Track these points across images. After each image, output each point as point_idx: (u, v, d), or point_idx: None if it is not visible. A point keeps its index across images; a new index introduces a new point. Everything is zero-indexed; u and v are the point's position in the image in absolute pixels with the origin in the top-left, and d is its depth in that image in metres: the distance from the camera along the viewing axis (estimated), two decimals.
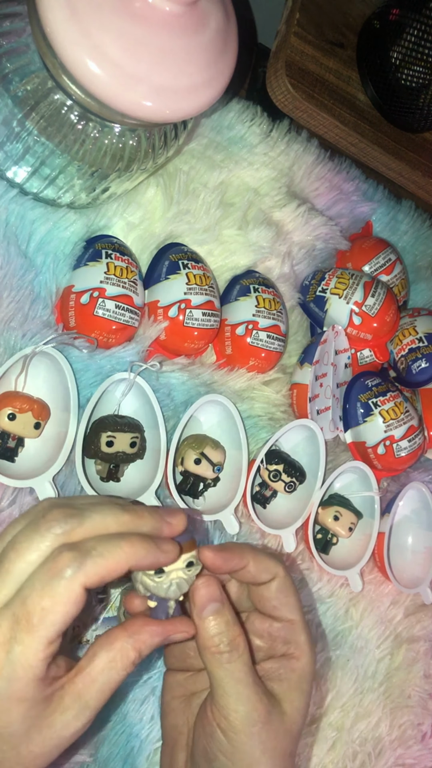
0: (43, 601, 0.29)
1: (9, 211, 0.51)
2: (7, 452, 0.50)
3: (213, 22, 0.42)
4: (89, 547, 0.30)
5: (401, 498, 0.67)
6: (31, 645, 0.29)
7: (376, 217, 0.76)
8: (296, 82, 0.65)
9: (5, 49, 0.43)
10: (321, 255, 0.69)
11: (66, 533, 0.30)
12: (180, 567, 0.33)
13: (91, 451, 0.52)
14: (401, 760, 0.64)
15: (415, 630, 0.68)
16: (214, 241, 0.61)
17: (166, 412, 0.55)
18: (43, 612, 0.29)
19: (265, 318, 0.59)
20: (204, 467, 0.56)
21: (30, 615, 0.29)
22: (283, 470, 0.60)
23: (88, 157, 0.46)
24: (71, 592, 0.29)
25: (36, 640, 0.29)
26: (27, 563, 0.30)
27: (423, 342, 0.70)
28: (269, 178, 0.65)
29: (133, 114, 0.41)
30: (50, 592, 0.29)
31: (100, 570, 0.30)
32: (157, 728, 0.52)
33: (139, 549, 0.31)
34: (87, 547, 0.30)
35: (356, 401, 0.65)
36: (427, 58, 0.67)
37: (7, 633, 0.29)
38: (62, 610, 0.29)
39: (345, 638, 0.63)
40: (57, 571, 0.29)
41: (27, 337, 0.50)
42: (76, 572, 0.29)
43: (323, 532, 0.64)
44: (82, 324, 0.52)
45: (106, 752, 0.50)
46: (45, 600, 0.29)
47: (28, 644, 0.29)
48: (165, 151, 0.49)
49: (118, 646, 0.31)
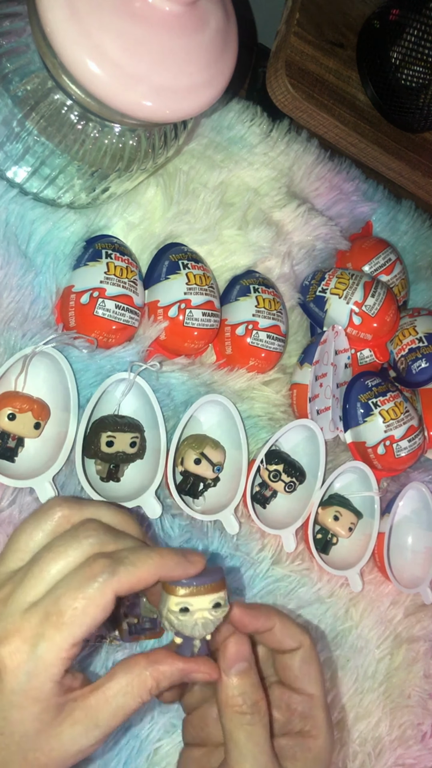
0: (77, 601, 0.30)
1: (9, 211, 0.51)
2: (7, 452, 0.50)
3: (213, 22, 0.42)
4: (122, 556, 0.31)
5: (401, 498, 0.67)
6: (57, 642, 0.29)
7: (376, 217, 0.76)
8: (296, 82, 0.65)
9: (5, 49, 0.43)
10: (321, 255, 0.69)
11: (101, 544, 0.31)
12: (206, 607, 0.33)
13: (91, 451, 0.52)
14: (401, 760, 0.64)
15: (415, 630, 0.68)
16: (214, 241, 0.61)
17: (166, 412, 0.55)
18: (75, 611, 0.29)
19: (265, 318, 0.59)
20: (204, 467, 0.56)
21: (62, 613, 0.29)
22: (283, 470, 0.60)
23: (88, 157, 0.46)
24: (103, 596, 0.30)
25: (62, 638, 0.29)
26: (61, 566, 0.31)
27: (423, 342, 0.70)
28: (269, 178, 0.65)
29: (133, 114, 0.41)
30: (83, 594, 0.30)
31: (132, 578, 0.30)
32: (157, 728, 0.52)
33: (169, 560, 0.32)
34: (120, 556, 0.31)
35: (356, 401, 0.65)
36: (427, 58, 0.67)
37: (35, 628, 0.30)
38: (93, 612, 0.30)
39: (345, 638, 0.63)
40: (91, 575, 0.30)
41: (27, 337, 0.50)
42: (109, 578, 0.30)
43: (323, 532, 0.64)
44: (82, 324, 0.52)
45: (106, 752, 0.50)
46: (78, 601, 0.30)
47: (55, 641, 0.29)
48: (165, 151, 0.49)
49: (137, 672, 0.31)
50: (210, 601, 0.33)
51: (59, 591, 0.30)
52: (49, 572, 0.31)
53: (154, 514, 0.53)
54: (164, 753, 0.52)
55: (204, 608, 0.33)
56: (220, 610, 0.33)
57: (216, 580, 0.33)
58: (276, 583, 0.60)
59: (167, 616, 0.33)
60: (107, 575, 0.30)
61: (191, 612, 0.33)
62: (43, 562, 0.31)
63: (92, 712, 0.30)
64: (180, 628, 0.33)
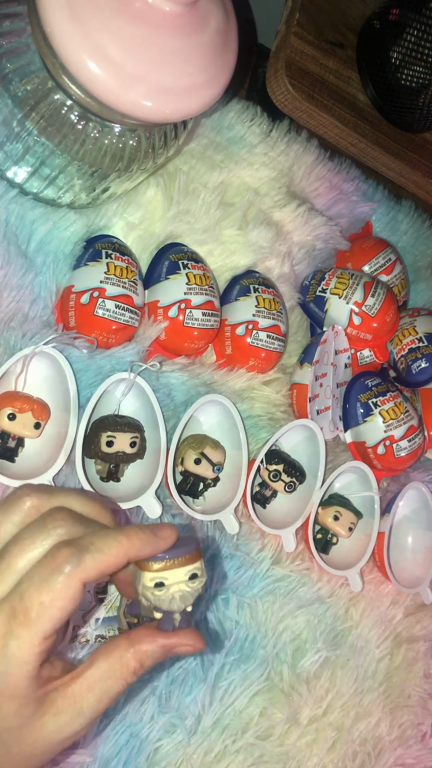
0: (42, 596, 0.29)
1: (9, 211, 0.51)
2: (7, 452, 0.50)
3: (213, 22, 0.42)
4: (87, 542, 0.30)
5: (401, 498, 0.67)
6: (27, 639, 0.29)
7: (376, 217, 0.76)
8: (296, 82, 0.65)
9: (5, 49, 0.43)
10: (321, 255, 0.69)
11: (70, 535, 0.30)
12: (182, 579, 0.32)
13: (91, 451, 0.52)
14: (401, 759, 0.64)
15: (415, 630, 0.68)
16: (214, 241, 0.61)
17: (166, 412, 0.55)
18: (41, 607, 0.29)
19: (265, 318, 0.59)
20: (204, 467, 0.56)
21: (28, 610, 0.29)
22: (283, 470, 0.60)
23: (88, 157, 0.46)
24: (69, 588, 0.29)
25: (32, 635, 0.29)
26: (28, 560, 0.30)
27: (423, 342, 0.70)
28: (269, 178, 0.65)
29: (133, 114, 0.41)
30: (48, 588, 0.29)
31: (99, 565, 0.30)
32: (157, 728, 0.52)
33: (136, 540, 0.31)
34: (85, 543, 0.30)
35: (356, 401, 0.65)
36: (427, 58, 0.67)
37: (2, 628, 0.29)
38: (60, 605, 0.29)
39: (345, 638, 0.63)
40: (56, 566, 0.29)
41: (27, 337, 0.50)
42: (75, 568, 0.29)
43: (323, 532, 0.64)
44: (82, 324, 0.52)
45: (106, 752, 0.50)
46: (43, 595, 0.29)
47: (25, 639, 0.29)
48: (165, 151, 0.49)
49: (119, 655, 0.31)
50: (186, 572, 0.32)
51: (23, 586, 0.29)
52: (16, 565, 0.30)
53: (154, 514, 0.53)
54: (164, 753, 0.52)
55: (180, 581, 0.32)
56: (197, 580, 0.32)
57: (191, 551, 0.32)
58: (276, 583, 0.60)
59: (143, 593, 0.32)
60: (72, 565, 0.29)
61: (167, 586, 0.32)
62: (10, 555, 0.30)
63: (75, 700, 0.30)
64: (157, 603, 0.32)
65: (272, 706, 0.58)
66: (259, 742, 0.57)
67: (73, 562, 0.29)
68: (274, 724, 0.58)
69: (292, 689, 0.59)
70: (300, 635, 0.61)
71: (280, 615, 0.60)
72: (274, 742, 0.58)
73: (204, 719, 0.54)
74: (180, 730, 0.53)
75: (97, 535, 0.30)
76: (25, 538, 0.30)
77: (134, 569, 0.33)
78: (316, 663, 0.61)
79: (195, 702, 0.54)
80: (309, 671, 0.60)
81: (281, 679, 0.59)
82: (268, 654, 0.58)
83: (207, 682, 0.55)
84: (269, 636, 0.59)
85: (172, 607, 0.32)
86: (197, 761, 0.54)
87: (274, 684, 0.58)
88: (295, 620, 0.60)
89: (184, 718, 0.54)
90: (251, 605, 0.58)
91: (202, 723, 0.54)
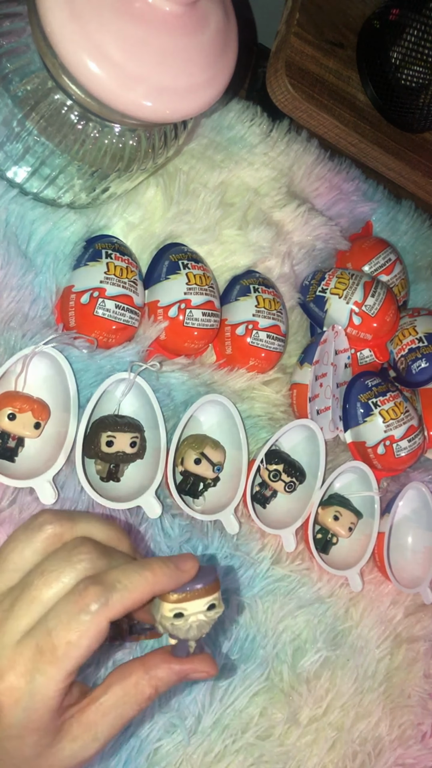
0: (70, 634, 0.29)
1: (9, 211, 0.51)
2: (7, 452, 0.50)
3: (213, 22, 0.42)
4: (113, 579, 0.30)
5: (401, 498, 0.67)
6: (53, 676, 0.29)
7: (376, 217, 0.76)
8: (296, 82, 0.65)
9: (5, 49, 0.43)
10: (321, 255, 0.69)
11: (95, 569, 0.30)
12: (201, 610, 0.32)
13: (91, 451, 0.52)
14: (401, 759, 0.64)
15: (415, 630, 0.68)
16: (214, 241, 0.61)
17: (166, 412, 0.55)
18: (68, 646, 0.29)
19: (265, 318, 0.59)
20: (204, 467, 0.56)
21: (55, 648, 0.29)
22: (283, 470, 0.60)
23: (88, 157, 0.46)
24: (97, 627, 0.29)
25: (58, 672, 0.29)
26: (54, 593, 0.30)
27: (423, 342, 0.70)
28: (269, 178, 0.65)
29: (133, 114, 0.41)
30: (76, 626, 0.29)
31: (126, 602, 0.30)
32: (157, 728, 0.52)
33: (160, 576, 0.31)
34: (111, 580, 0.30)
35: (356, 401, 0.65)
36: (427, 58, 0.67)
37: (29, 663, 0.29)
38: (87, 644, 0.29)
39: (345, 638, 0.63)
40: (84, 605, 0.29)
41: (27, 337, 0.50)
42: (102, 607, 0.29)
43: (323, 531, 0.64)
44: (82, 324, 0.52)
45: (106, 752, 0.50)
46: (71, 634, 0.29)
47: (51, 675, 0.29)
48: (165, 151, 0.49)
49: (134, 681, 0.31)
50: (204, 603, 0.32)
51: (50, 623, 0.29)
52: (41, 600, 0.30)
53: (154, 514, 0.53)
54: (164, 753, 0.52)
55: (199, 611, 0.32)
56: (215, 611, 0.33)
57: (209, 582, 0.33)
58: (276, 583, 0.60)
59: (161, 622, 0.32)
60: (100, 605, 0.29)
61: (186, 616, 0.32)
62: (35, 588, 0.30)
63: (90, 727, 0.30)
64: (174, 632, 0.33)
65: (272, 706, 0.58)
66: (259, 742, 0.57)
67: (101, 601, 0.29)
68: (274, 724, 0.58)
69: (292, 689, 0.59)
70: (300, 635, 0.61)
71: (280, 615, 0.60)
72: (274, 742, 0.58)
73: (204, 719, 0.54)
74: (180, 730, 0.53)
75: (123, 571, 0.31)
76: (51, 572, 0.30)
77: None
78: (316, 663, 0.61)
79: (195, 702, 0.54)
80: (309, 671, 0.60)
81: (281, 679, 0.59)
82: (268, 654, 0.58)
83: (207, 682, 0.55)
84: (269, 636, 0.59)
85: (188, 635, 0.33)
86: (197, 761, 0.54)
87: (274, 684, 0.58)
88: (295, 620, 0.60)
89: (184, 718, 0.54)
90: (251, 605, 0.58)
91: (202, 723, 0.54)
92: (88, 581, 0.30)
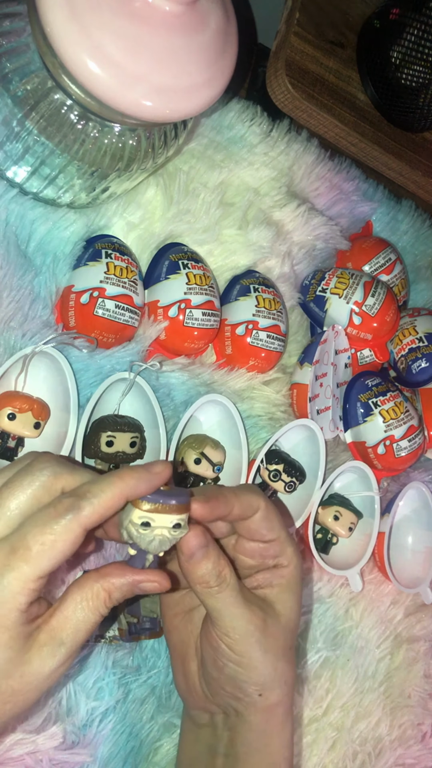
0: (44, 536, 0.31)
1: (9, 211, 0.51)
2: (7, 452, 0.50)
3: (213, 22, 0.42)
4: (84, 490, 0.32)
5: (401, 498, 0.67)
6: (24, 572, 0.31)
7: (376, 217, 0.76)
8: (296, 81, 0.65)
9: (5, 49, 0.43)
10: (321, 255, 0.69)
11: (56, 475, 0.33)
12: (167, 525, 0.34)
13: (91, 451, 0.52)
14: (401, 760, 0.64)
15: (415, 630, 0.68)
16: (214, 241, 0.61)
17: (166, 412, 0.55)
18: (43, 546, 0.31)
19: (265, 318, 0.59)
20: (204, 467, 0.56)
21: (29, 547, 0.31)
22: (283, 470, 0.60)
23: (88, 156, 0.46)
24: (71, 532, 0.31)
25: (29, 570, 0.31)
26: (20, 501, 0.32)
27: (423, 342, 0.70)
28: (269, 178, 0.65)
29: (133, 114, 0.41)
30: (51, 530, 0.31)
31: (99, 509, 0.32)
32: (157, 728, 0.52)
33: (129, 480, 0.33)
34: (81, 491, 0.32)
35: (356, 401, 0.65)
36: (427, 57, 0.67)
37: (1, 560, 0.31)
38: (60, 547, 0.31)
39: (345, 638, 0.63)
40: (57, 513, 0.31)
41: (27, 337, 0.50)
42: (76, 515, 0.31)
43: (323, 531, 0.64)
44: (82, 324, 0.52)
45: (106, 752, 0.50)
46: (46, 536, 0.31)
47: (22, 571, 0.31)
48: (165, 151, 0.49)
49: (89, 586, 0.33)
50: (171, 520, 0.34)
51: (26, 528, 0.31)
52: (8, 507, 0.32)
53: None
54: (164, 753, 0.52)
55: (164, 526, 0.34)
56: (179, 530, 0.34)
57: (182, 502, 0.34)
58: None
59: (127, 527, 0.34)
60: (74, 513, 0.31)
61: (151, 527, 0.34)
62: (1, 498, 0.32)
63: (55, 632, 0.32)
64: (137, 540, 0.34)
65: None
66: None
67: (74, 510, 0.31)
68: None
69: None
70: (300, 635, 0.61)
71: None
72: None
73: None
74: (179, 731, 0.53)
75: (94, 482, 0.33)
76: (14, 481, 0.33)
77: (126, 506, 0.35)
78: (316, 663, 0.61)
79: None
80: (309, 671, 0.60)
81: None
82: None
83: None
84: None
85: (149, 547, 0.34)
86: None
87: None
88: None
89: None
90: None
91: None
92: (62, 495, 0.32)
